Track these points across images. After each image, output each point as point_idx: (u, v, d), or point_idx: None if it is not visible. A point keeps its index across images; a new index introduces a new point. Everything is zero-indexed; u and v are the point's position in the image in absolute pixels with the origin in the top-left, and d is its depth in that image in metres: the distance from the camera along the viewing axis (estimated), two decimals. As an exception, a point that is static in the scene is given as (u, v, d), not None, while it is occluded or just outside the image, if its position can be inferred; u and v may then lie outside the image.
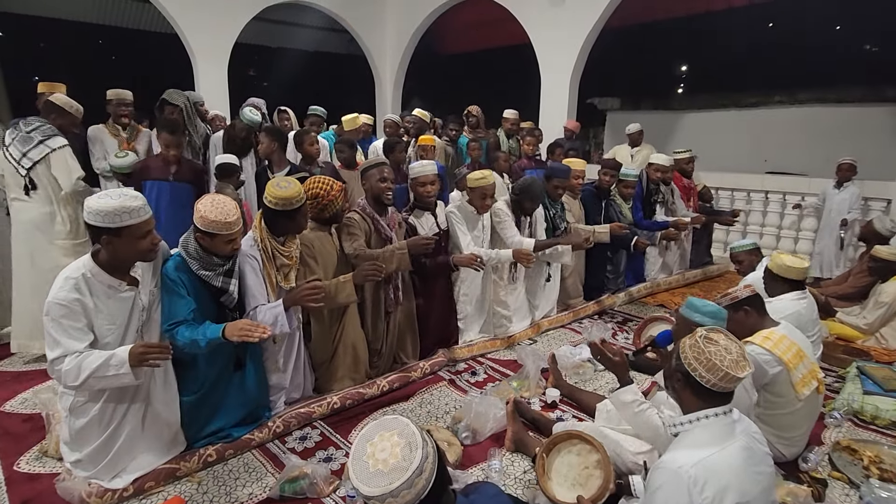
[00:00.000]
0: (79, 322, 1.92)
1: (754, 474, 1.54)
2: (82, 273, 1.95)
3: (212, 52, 7.63)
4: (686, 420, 1.61)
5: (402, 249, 2.89)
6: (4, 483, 2.26)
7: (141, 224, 1.96)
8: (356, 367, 3.00)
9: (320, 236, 2.84)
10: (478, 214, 3.55)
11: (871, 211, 5.31)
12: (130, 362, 1.90)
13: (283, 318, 2.39)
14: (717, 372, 1.53)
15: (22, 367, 3.31)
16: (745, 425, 1.63)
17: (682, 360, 1.61)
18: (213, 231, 2.17)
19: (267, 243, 2.50)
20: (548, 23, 7.23)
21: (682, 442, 1.60)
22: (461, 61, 12.36)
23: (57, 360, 1.89)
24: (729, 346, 1.58)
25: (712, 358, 1.55)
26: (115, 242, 1.94)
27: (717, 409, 1.58)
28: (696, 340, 1.61)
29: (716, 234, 6.44)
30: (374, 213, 3.04)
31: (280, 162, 3.94)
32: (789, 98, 9.44)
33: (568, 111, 7.22)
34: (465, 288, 3.62)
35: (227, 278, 2.32)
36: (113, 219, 1.89)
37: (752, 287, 2.47)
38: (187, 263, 2.24)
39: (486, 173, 3.44)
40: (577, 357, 3.35)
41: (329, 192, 2.74)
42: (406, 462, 1.13)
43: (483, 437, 2.58)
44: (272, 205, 2.45)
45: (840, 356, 3.47)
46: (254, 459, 2.44)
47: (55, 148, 3.23)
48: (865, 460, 2.39)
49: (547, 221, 4.01)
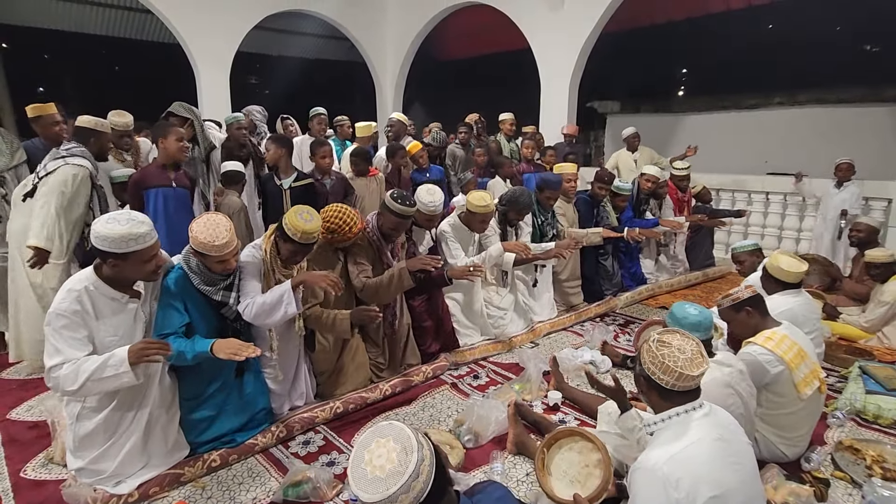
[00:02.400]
0: (79, 333, 1.95)
1: (730, 464, 1.56)
2: (85, 286, 1.98)
3: (214, 61, 7.71)
4: (658, 419, 1.64)
5: (403, 270, 2.87)
6: (11, 489, 2.27)
7: (147, 249, 1.99)
8: (359, 375, 3.02)
9: (326, 254, 2.87)
10: (471, 232, 3.61)
11: (872, 211, 5.31)
12: (130, 360, 1.92)
13: (289, 295, 2.34)
14: (672, 373, 1.57)
15: (27, 375, 3.33)
16: (718, 418, 1.65)
17: (642, 364, 1.65)
18: (204, 252, 2.19)
19: (269, 260, 2.52)
20: (546, 28, 7.28)
21: (655, 441, 1.62)
22: (461, 67, 12.42)
23: (55, 367, 1.91)
24: (683, 346, 1.60)
25: (665, 360, 1.58)
26: (121, 265, 1.97)
27: (685, 405, 1.61)
28: (650, 345, 1.64)
29: (717, 236, 6.46)
30: (381, 241, 3.07)
31: (287, 168, 3.99)
32: (789, 99, 9.46)
33: (568, 115, 7.25)
34: (450, 291, 3.64)
35: (227, 292, 2.35)
36: (120, 245, 1.92)
37: (753, 288, 2.47)
38: (189, 277, 2.27)
39: (488, 200, 3.46)
40: (579, 360, 3.36)
41: (349, 230, 2.76)
42: (402, 466, 1.15)
43: (485, 440, 2.59)
44: (290, 233, 2.40)
45: (842, 356, 3.47)
46: (257, 464, 2.45)
47: (70, 163, 3.16)
48: (868, 460, 2.39)
49: (535, 228, 4.06)
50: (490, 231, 3.73)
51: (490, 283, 3.85)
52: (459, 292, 3.71)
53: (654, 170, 5.00)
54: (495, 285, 3.87)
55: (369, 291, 2.86)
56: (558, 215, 4.30)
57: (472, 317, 3.75)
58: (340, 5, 8.77)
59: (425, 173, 4.98)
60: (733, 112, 10.11)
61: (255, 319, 2.37)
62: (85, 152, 3.28)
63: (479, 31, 10.01)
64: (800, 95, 9.36)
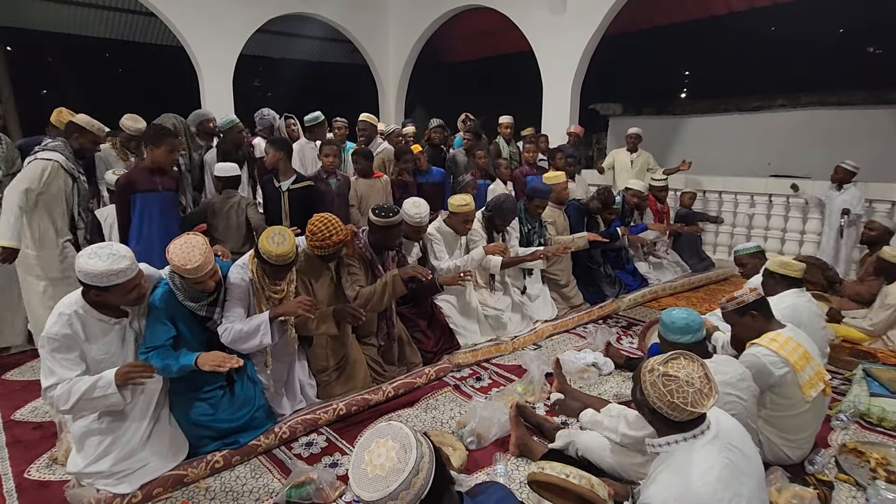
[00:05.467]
0: (70, 354, 2.06)
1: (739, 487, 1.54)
2: (74, 310, 2.08)
3: (217, 64, 7.74)
4: (664, 442, 1.62)
5: (396, 277, 2.91)
6: (15, 490, 2.29)
7: (128, 282, 2.05)
8: (359, 371, 3.03)
9: (316, 267, 2.89)
10: (457, 235, 3.67)
11: (875, 213, 5.29)
12: (116, 381, 2.02)
13: (265, 327, 2.43)
14: (682, 411, 1.53)
15: (32, 377, 3.34)
16: (726, 438, 1.61)
17: (646, 396, 1.59)
18: (179, 273, 2.26)
19: (256, 279, 2.56)
20: (549, 30, 7.28)
21: (663, 469, 1.60)
22: (463, 70, 12.43)
23: (50, 387, 2.02)
24: (690, 376, 1.54)
25: (674, 398, 1.53)
26: (104, 295, 2.06)
27: (693, 430, 1.58)
28: (655, 380, 1.57)
29: (720, 238, 6.46)
30: (373, 255, 3.12)
31: (286, 171, 3.99)
32: (791, 101, 9.43)
33: (570, 118, 7.25)
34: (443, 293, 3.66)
35: (211, 307, 2.43)
36: (101, 280, 2.00)
37: (757, 290, 2.47)
38: (174, 294, 2.33)
39: (468, 200, 3.57)
40: (582, 362, 3.35)
41: (328, 237, 2.70)
42: (401, 464, 1.16)
43: (488, 441, 2.59)
44: (265, 257, 2.43)
45: (846, 358, 3.46)
46: (260, 465, 2.46)
47: (38, 157, 3.14)
48: (872, 462, 2.38)
49: (521, 236, 4.14)
50: (476, 236, 3.82)
51: (481, 286, 3.91)
52: (453, 295, 3.75)
53: (639, 184, 5.18)
54: (487, 289, 3.92)
55: (363, 299, 2.89)
56: (547, 224, 4.36)
57: (469, 316, 3.77)
58: (343, 8, 8.80)
59: (426, 175, 4.97)
60: (736, 114, 10.08)
61: (231, 345, 2.43)
62: (59, 146, 3.23)
63: (481, 34, 10.02)
64: (802, 97, 9.33)
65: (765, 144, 9.52)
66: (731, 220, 6.34)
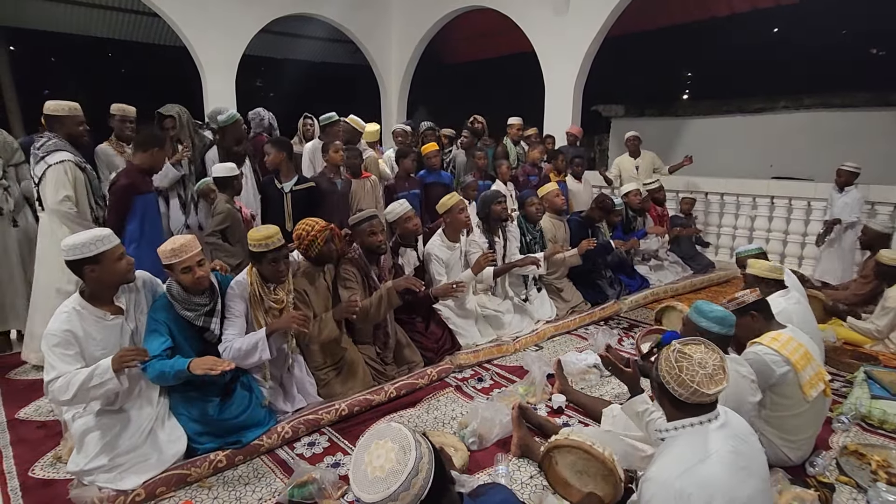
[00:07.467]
0: (70, 350, 2.15)
1: (744, 478, 1.54)
2: (73, 307, 2.20)
3: (220, 64, 7.76)
4: (671, 427, 1.62)
5: (391, 290, 2.95)
6: (20, 489, 2.30)
7: (114, 248, 2.21)
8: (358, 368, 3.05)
9: (312, 277, 2.94)
10: (455, 243, 3.74)
11: (877, 215, 5.28)
12: (113, 367, 2.11)
13: (263, 343, 2.50)
14: (687, 388, 1.54)
15: (36, 376, 3.35)
16: (733, 428, 1.62)
17: (659, 371, 1.61)
18: (168, 263, 2.36)
19: (255, 288, 2.62)
20: (551, 31, 7.29)
21: (667, 450, 1.61)
22: (466, 70, 12.45)
23: (51, 381, 2.11)
24: (704, 360, 1.56)
25: (682, 374, 1.55)
26: (97, 269, 2.17)
27: (700, 416, 1.59)
28: (670, 355, 1.60)
29: (722, 240, 6.45)
30: (367, 264, 3.16)
31: (288, 172, 3.99)
32: (794, 103, 9.43)
33: (572, 119, 7.26)
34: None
35: (208, 318, 2.49)
36: (89, 248, 2.13)
37: (758, 291, 2.48)
38: (173, 305, 2.42)
39: (446, 198, 3.70)
40: (583, 363, 3.36)
41: (309, 232, 2.82)
42: (401, 465, 1.17)
43: (489, 442, 2.60)
44: (253, 247, 2.55)
45: (848, 361, 3.45)
46: (263, 465, 2.47)
47: (52, 164, 3.15)
48: (873, 464, 2.39)
49: (523, 246, 4.16)
50: (474, 248, 3.84)
51: (480, 292, 3.94)
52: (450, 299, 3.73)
53: (634, 185, 5.23)
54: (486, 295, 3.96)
55: (360, 313, 2.93)
56: (548, 241, 4.34)
57: (468, 317, 3.79)
58: (345, 8, 8.81)
59: (435, 176, 4.98)
60: (738, 116, 10.08)
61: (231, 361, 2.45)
62: (57, 143, 3.22)
63: (483, 35, 10.03)
64: (805, 99, 9.33)
65: (767, 146, 9.53)
66: (733, 223, 6.35)
